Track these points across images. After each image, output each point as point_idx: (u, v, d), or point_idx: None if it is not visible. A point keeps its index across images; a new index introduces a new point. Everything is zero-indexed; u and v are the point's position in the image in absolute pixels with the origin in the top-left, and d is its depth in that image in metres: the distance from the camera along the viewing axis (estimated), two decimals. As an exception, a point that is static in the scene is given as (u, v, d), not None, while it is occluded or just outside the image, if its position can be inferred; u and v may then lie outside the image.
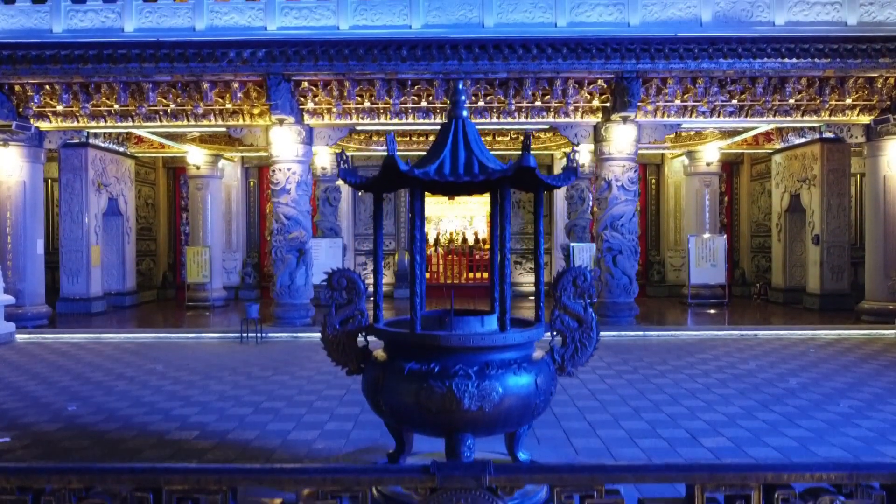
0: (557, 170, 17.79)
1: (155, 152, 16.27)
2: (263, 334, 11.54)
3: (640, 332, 11.62)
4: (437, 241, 29.12)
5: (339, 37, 11.99)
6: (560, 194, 17.26)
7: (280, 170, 12.19)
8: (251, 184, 18.59)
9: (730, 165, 18.23)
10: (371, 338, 4.66)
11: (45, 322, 12.74)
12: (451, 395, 3.98)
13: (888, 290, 12.27)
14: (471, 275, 20.76)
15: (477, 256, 25.23)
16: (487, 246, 28.22)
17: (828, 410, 6.86)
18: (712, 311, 15.08)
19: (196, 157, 15.76)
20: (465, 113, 4.52)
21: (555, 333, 4.63)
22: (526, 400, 4.18)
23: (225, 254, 17.44)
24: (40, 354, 10.39)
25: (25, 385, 8.24)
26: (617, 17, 12.06)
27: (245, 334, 11.35)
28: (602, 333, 12.47)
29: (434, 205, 30.46)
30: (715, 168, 16.41)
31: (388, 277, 18.11)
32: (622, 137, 12.01)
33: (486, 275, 19.71)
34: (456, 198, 29.55)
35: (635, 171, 12.23)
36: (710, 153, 15.94)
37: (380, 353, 4.51)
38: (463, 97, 4.54)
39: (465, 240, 27.74)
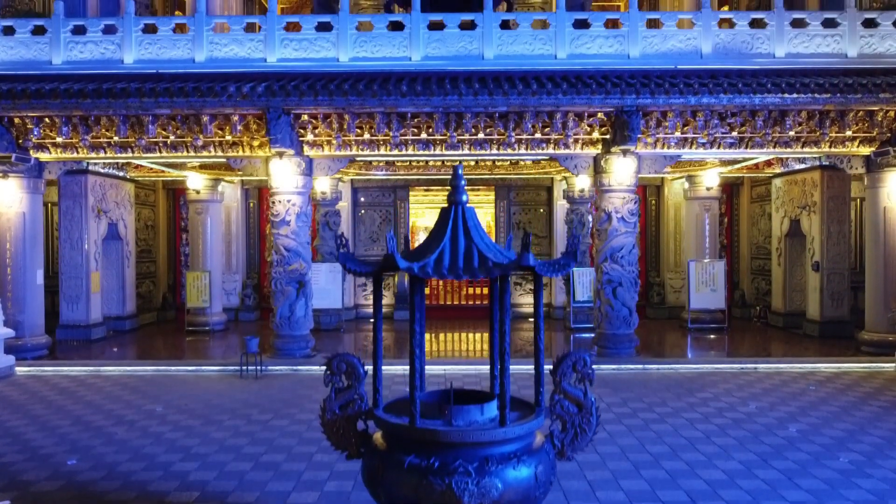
0: (557, 191, 17.77)
1: (155, 176, 16.27)
2: (263, 367, 11.53)
3: (640, 366, 11.61)
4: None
5: (338, 69, 12.02)
6: (560, 218, 17.28)
7: (280, 201, 12.18)
8: (251, 205, 18.59)
9: (730, 187, 18.23)
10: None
11: (45, 352, 12.74)
12: (451, 493, 3.99)
13: (888, 321, 12.27)
14: (470, 289, 20.75)
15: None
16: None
17: (827, 467, 6.85)
18: (712, 337, 15.10)
19: (196, 182, 15.77)
20: (464, 198, 4.52)
21: (555, 418, 4.64)
22: (525, 493, 4.18)
23: (225, 275, 17.43)
24: (40, 392, 10.39)
25: (25, 432, 8.23)
26: (617, 48, 12.08)
27: (245, 367, 11.35)
28: (602, 367, 12.40)
29: (434, 216, 30.60)
30: (715, 193, 16.41)
31: (387, 299, 18.10)
32: (622, 169, 12.00)
33: (485, 290, 19.68)
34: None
35: (635, 203, 12.22)
36: (710, 178, 15.94)
37: (379, 439, 4.51)
38: (462, 182, 4.54)
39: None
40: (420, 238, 30.57)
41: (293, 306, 12.18)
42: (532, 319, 15.55)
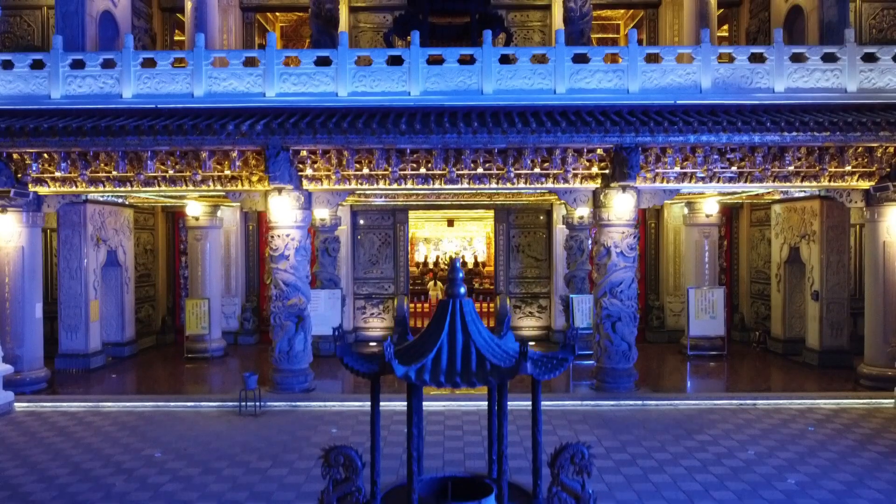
0: (557, 215, 17.71)
1: (154, 202, 16.26)
2: (262, 403, 11.51)
3: (639, 402, 11.59)
4: (436, 264, 29.14)
5: (337, 104, 12.03)
6: (559, 241, 17.25)
7: (279, 236, 12.16)
8: (250, 227, 18.55)
9: (729, 210, 18.21)
10: None
11: (44, 385, 12.70)
12: None
13: (887, 356, 12.26)
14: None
15: (476, 284, 25.13)
16: (486, 269, 28.24)
17: (827, 528, 6.85)
18: (712, 364, 15.07)
19: (195, 209, 15.75)
20: (462, 290, 4.50)
21: (552, 510, 4.63)
22: None
23: (224, 298, 17.41)
24: (38, 432, 10.36)
25: (23, 483, 8.21)
26: (616, 83, 12.09)
27: (244, 404, 11.34)
28: (600, 403, 12.33)
29: (433, 227, 30.58)
30: (714, 219, 16.39)
31: (387, 321, 18.09)
32: (621, 204, 11.98)
33: (485, 305, 19.64)
34: (455, 221, 29.76)
35: (635, 237, 12.19)
36: (710, 206, 15.93)
37: (377, 533, 4.50)
38: (461, 275, 4.52)
39: (464, 262, 27.79)
40: (420, 250, 30.64)
41: (292, 340, 12.17)
42: (533, 343, 15.63)
